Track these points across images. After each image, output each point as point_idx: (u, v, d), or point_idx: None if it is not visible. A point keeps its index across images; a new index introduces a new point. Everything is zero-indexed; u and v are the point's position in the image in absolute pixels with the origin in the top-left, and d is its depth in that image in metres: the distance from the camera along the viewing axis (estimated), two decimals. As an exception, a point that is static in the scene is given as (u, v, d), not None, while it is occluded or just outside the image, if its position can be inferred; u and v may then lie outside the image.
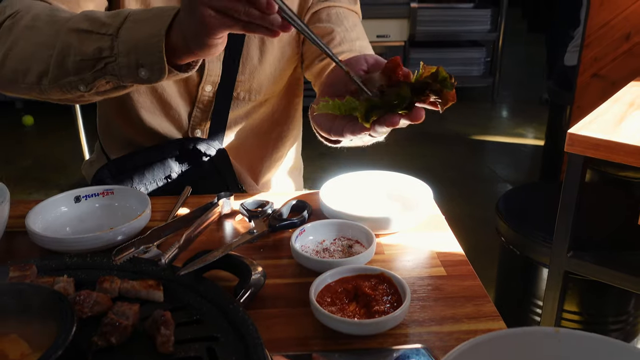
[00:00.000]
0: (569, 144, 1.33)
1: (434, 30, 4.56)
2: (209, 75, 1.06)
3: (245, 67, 1.07)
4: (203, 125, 1.11)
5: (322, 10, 1.08)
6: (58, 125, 4.19)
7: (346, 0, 1.11)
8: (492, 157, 3.91)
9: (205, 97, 1.08)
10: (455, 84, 0.63)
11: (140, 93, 1.08)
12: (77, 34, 0.76)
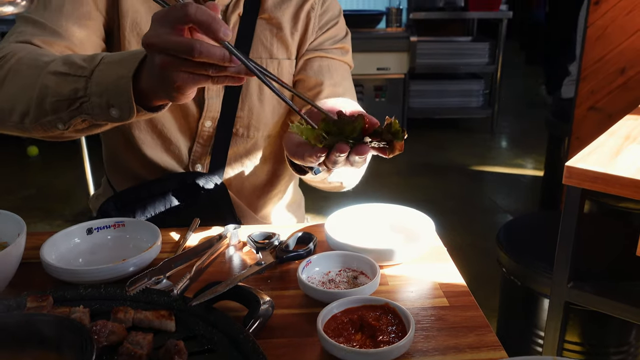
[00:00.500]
0: (566, 176, 1.36)
1: (433, 63, 4.64)
2: (208, 111, 1.09)
3: (244, 104, 1.11)
4: (203, 159, 1.14)
5: (315, 59, 1.13)
6: (62, 155, 4.24)
7: (338, 52, 1.16)
8: (492, 187, 3.94)
9: (205, 133, 1.12)
10: (405, 136, 0.69)
11: (140, 130, 1.11)
12: (56, 77, 0.82)
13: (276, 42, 1.12)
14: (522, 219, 2.13)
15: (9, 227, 0.86)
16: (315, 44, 1.15)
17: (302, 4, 1.13)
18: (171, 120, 1.10)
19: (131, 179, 1.17)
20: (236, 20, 1.09)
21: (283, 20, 1.12)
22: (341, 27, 1.19)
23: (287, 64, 1.13)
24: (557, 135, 3.09)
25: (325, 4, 1.16)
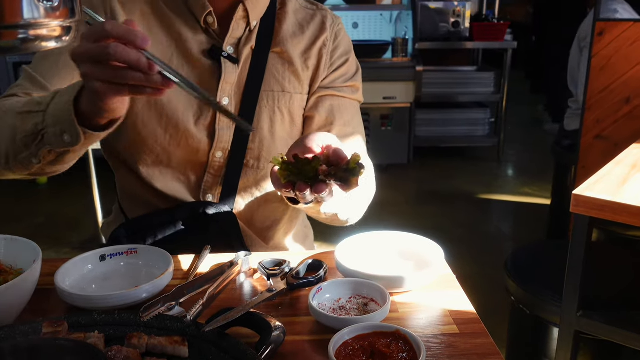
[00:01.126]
0: (574, 204, 1.37)
1: (439, 92, 4.69)
2: (219, 142, 1.11)
3: (255, 136, 1.13)
4: (214, 189, 1.16)
5: (326, 98, 1.16)
6: (71, 183, 4.28)
7: (349, 90, 1.19)
8: (500, 215, 3.94)
9: (216, 163, 1.13)
10: (362, 173, 0.76)
11: (147, 166, 1.13)
12: (22, 116, 0.91)
13: (288, 76, 1.14)
14: (530, 247, 2.13)
15: (25, 253, 0.88)
16: (326, 82, 1.17)
17: (315, 40, 1.16)
18: (180, 152, 1.11)
19: (143, 206, 1.19)
20: (249, 53, 1.12)
21: (295, 55, 1.14)
22: (352, 64, 1.21)
23: (299, 98, 1.15)
24: (564, 164, 3.10)
25: (337, 39, 1.19)
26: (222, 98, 1.10)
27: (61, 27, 0.46)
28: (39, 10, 0.43)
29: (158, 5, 1.10)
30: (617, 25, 2.48)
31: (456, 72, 4.95)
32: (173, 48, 1.09)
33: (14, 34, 0.43)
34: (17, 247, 0.89)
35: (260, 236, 1.23)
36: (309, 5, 1.21)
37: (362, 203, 1.14)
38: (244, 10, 1.09)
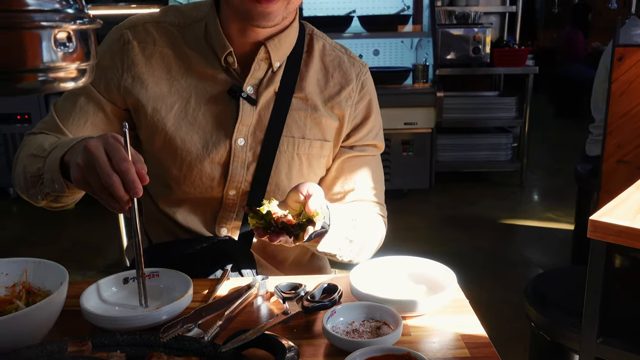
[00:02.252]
0: (591, 230, 1.37)
1: (460, 117, 4.70)
2: (231, 181, 1.15)
3: (272, 179, 1.16)
4: (229, 224, 1.19)
5: (351, 159, 1.21)
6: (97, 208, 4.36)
7: (372, 149, 1.24)
8: (522, 241, 3.91)
9: (229, 201, 1.17)
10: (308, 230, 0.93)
11: (166, 199, 1.18)
12: (30, 158, 1.05)
13: (309, 123, 1.16)
14: (552, 273, 2.12)
15: (53, 276, 0.92)
16: (351, 141, 1.21)
17: (340, 90, 1.18)
18: (195, 189, 1.15)
19: (165, 232, 1.23)
20: (271, 96, 1.14)
21: (319, 103, 1.16)
22: (376, 118, 1.24)
23: (318, 145, 1.17)
24: (587, 189, 3.08)
25: (363, 90, 1.21)
26: (238, 139, 1.12)
27: (77, 70, 0.50)
28: (57, 54, 0.47)
29: (179, 46, 1.13)
30: (637, 51, 2.48)
31: (477, 97, 4.96)
32: (192, 87, 1.12)
33: (35, 76, 0.47)
34: (45, 270, 0.94)
35: (275, 267, 1.27)
36: (337, 47, 1.23)
37: (366, 247, 1.17)
38: (266, 52, 1.10)
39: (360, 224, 1.13)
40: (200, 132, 1.12)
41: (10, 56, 0.45)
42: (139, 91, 1.12)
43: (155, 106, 1.12)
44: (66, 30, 0.47)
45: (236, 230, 1.20)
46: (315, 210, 0.93)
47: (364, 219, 1.16)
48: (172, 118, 1.12)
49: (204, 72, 1.12)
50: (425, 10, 4.48)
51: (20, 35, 0.45)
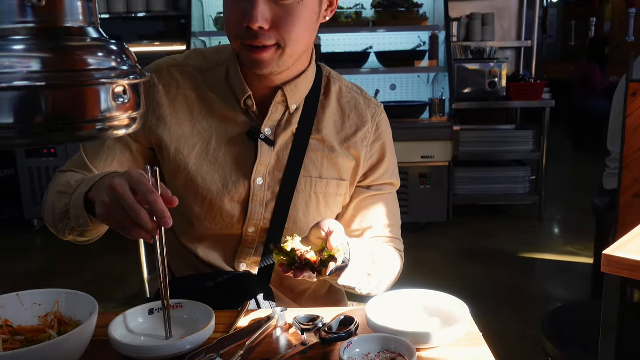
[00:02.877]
0: (604, 264, 1.39)
1: (477, 151, 4.74)
2: (251, 219, 1.19)
3: (290, 217, 1.20)
4: (248, 260, 1.24)
5: (368, 199, 1.26)
6: (120, 241, 4.44)
7: (389, 187, 1.28)
8: (541, 275, 3.89)
9: (249, 237, 1.21)
10: (330, 266, 0.98)
11: (188, 235, 1.23)
12: (59, 195, 1.11)
13: (326, 163, 1.21)
14: (569, 307, 2.12)
15: (83, 306, 0.97)
16: (368, 182, 1.25)
17: (356, 131, 1.22)
18: (216, 226, 1.20)
19: (187, 266, 1.28)
20: (289, 137, 1.19)
21: (335, 144, 1.21)
22: (391, 158, 1.28)
23: (334, 184, 1.22)
24: (604, 223, 3.08)
25: (378, 131, 1.25)
26: (256, 179, 1.17)
27: (129, 118, 0.56)
28: (113, 106, 0.53)
29: (201, 89, 1.19)
30: (651, 86, 2.51)
31: (494, 130, 4.99)
32: (213, 129, 1.18)
33: (93, 126, 0.53)
34: (76, 300, 0.99)
35: (293, 300, 1.30)
36: (353, 89, 1.27)
37: (384, 280, 1.21)
38: (283, 95, 1.16)
39: (378, 259, 1.17)
40: (220, 172, 1.18)
41: (73, 109, 0.51)
42: (162, 132, 1.18)
43: (178, 146, 1.18)
44: (122, 85, 0.53)
45: (255, 265, 1.24)
46: (336, 246, 0.98)
47: (382, 254, 1.20)
48: (194, 158, 1.17)
49: (225, 114, 1.18)
50: (441, 45, 4.56)
51: (83, 91, 0.51)
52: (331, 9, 1.15)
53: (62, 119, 0.53)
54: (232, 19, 1.07)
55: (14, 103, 0.51)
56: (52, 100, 0.52)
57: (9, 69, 0.50)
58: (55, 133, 0.53)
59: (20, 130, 0.52)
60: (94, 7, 0.58)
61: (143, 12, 5.19)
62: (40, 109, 0.52)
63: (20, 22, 0.52)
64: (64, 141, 0.55)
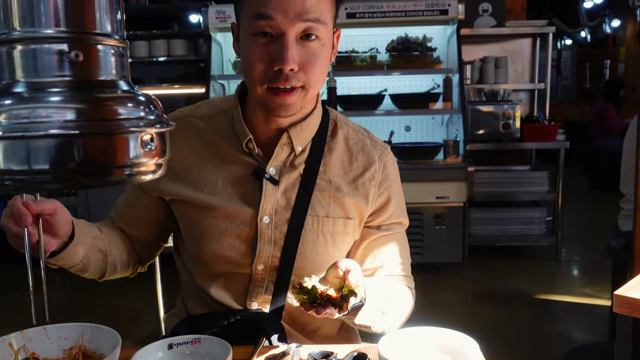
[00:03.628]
0: (616, 305, 1.40)
1: (492, 191, 4.75)
2: (259, 257, 1.23)
3: (299, 255, 1.23)
4: (259, 298, 1.26)
5: (380, 238, 1.29)
6: (136, 280, 4.48)
7: (397, 226, 1.31)
8: (559, 317, 3.84)
9: (258, 276, 1.25)
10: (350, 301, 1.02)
11: (201, 274, 1.28)
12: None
13: (333, 203, 1.24)
14: (585, 348, 2.11)
15: (106, 340, 1.01)
16: (377, 222, 1.29)
17: (364, 172, 1.26)
18: (226, 265, 1.24)
19: (202, 305, 1.32)
20: (296, 177, 1.23)
21: (342, 184, 1.24)
22: (399, 198, 1.31)
23: (341, 223, 1.25)
24: (621, 264, 3.05)
25: (385, 171, 1.28)
26: (263, 217, 1.21)
27: (156, 164, 0.61)
28: (141, 152, 0.59)
29: (206, 135, 1.25)
30: (662, 128, 2.52)
31: (509, 171, 5.01)
32: (220, 171, 1.23)
33: (122, 171, 0.58)
34: (99, 334, 1.03)
35: (305, 337, 1.33)
36: (359, 131, 1.32)
37: (397, 318, 1.25)
38: (288, 137, 1.21)
39: (391, 297, 1.20)
40: (228, 211, 1.22)
41: (105, 156, 0.56)
42: (170, 180, 1.23)
43: (186, 191, 1.23)
44: (149, 133, 0.58)
45: (266, 303, 1.27)
46: (355, 282, 1.02)
47: (395, 292, 1.24)
48: (202, 199, 1.22)
49: (230, 156, 1.23)
50: (455, 88, 4.63)
51: (114, 139, 0.56)
52: (334, 52, 1.20)
53: (94, 165, 0.58)
54: (260, 62, 1.09)
55: (50, 150, 0.56)
56: (85, 147, 0.57)
57: (46, 118, 0.56)
58: (87, 178, 0.58)
59: (55, 175, 0.57)
60: (126, 61, 0.63)
61: (164, 56, 5.37)
62: (74, 155, 0.56)
63: (58, 76, 0.58)
64: (95, 185, 0.60)
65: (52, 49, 0.56)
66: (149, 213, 1.30)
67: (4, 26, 0.56)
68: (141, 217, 1.31)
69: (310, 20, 1.06)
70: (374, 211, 1.28)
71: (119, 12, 0.61)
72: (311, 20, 1.06)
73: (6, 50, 0.56)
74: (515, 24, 5.05)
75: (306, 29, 1.07)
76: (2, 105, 0.55)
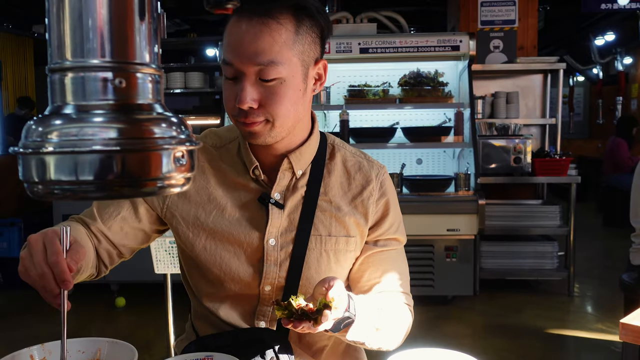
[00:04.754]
0: (622, 333, 1.43)
1: (503, 225, 4.77)
2: (266, 278, 1.28)
3: (304, 274, 1.28)
4: (267, 317, 1.31)
5: (376, 254, 1.33)
6: (148, 306, 4.53)
7: (394, 243, 1.35)
8: (571, 352, 3.81)
9: (266, 296, 1.29)
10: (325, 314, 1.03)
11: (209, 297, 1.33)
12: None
13: (334, 222, 1.30)
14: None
15: (123, 355, 1.05)
16: (374, 237, 1.33)
17: (362, 190, 1.32)
18: (234, 286, 1.29)
19: (211, 326, 1.36)
20: (299, 200, 1.29)
21: (342, 204, 1.30)
22: (396, 213, 1.36)
23: (343, 241, 1.30)
24: (633, 298, 3.05)
25: (382, 189, 1.34)
26: (269, 240, 1.27)
27: (184, 178, 0.67)
28: (173, 167, 0.65)
29: (216, 162, 1.33)
30: (671, 163, 2.57)
31: (520, 205, 5.04)
32: (228, 197, 1.29)
33: (155, 184, 0.64)
34: (117, 349, 1.08)
35: (312, 356, 1.36)
36: (356, 154, 1.38)
37: (392, 335, 1.27)
38: (289, 162, 1.27)
39: (385, 313, 1.24)
40: (235, 235, 1.28)
41: (141, 169, 0.62)
42: (182, 202, 1.30)
43: (196, 213, 1.29)
44: (181, 151, 0.64)
45: (274, 322, 1.31)
46: (332, 297, 1.05)
47: (390, 308, 1.27)
48: (210, 223, 1.28)
49: (238, 182, 1.30)
50: (466, 122, 4.70)
51: (149, 155, 0.62)
52: (320, 82, 1.26)
53: (131, 177, 0.64)
54: (227, 99, 1.20)
55: (93, 163, 0.62)
56: (124, 162, 0.63)
57: (91, 136, 0.62)
58: (124, 188, 0.64)
59: (97, 186, 0.63)
60: (161, 87, 0.70)
61: (181, 88, 5.51)
62: (114, 168, 0.63)
63: (103, 99, 0.64)
64: (130, 196, 0.66)
65: (98, 76, 0.63)
66: (135, 222, 1.33)
67: (58, 56, 0.63)
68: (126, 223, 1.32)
69: (262, 63, 1.13)
70: (370, 226, 1.33)
71: (156, 45, 0.68)
72: (263, 64, 1.13)
73: (59, 77, 0.63)
74: (527, 60, 5.14)
75: (259, 71, 1.14)
76: (54, 124, 0.62)
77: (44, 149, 0.61)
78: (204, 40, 6.32)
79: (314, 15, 1.20)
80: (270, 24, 1.13)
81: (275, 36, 1.14)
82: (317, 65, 1.24)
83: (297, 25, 1.17)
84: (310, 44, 1.20)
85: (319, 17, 1.21)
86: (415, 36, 4.70)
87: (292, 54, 1.16)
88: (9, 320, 4.43)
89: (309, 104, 1.27)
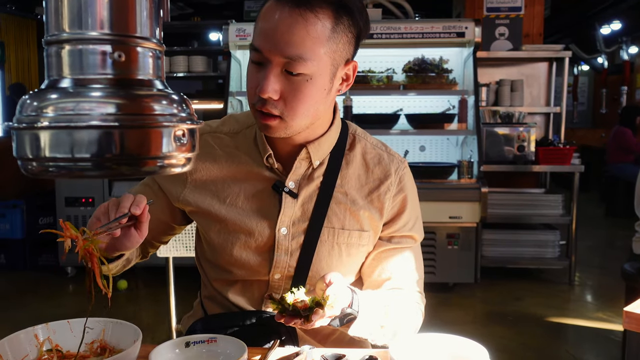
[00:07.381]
0: (626, 321, 1.41)
1: (505, 213, 4.75)
2: (276, 267, 1.27)
3: (314, 266, 1.27)
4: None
5: (389, 251, 1.31)
6: (149, 289, 4.54)
7: (409, 241, 1.33)
8: (572, 340, 3.81)
9: (275, 283, 1.29)
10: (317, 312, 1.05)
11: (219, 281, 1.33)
12: None
13: (349, 216, 1.28)
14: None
15: (127, 335, 1.04)
16: (388, 233, 1.31)
17: (379, 185, 1.29)
18: (244, 272, 1.29)
19: (219, 306, 1.36)
20: (314, 190, 1.26)
21: (358, 197, 1.28)
22: (412, 211, 1.33)
23: (356, 235, 1.28)
24: (634, 287, 3.04)
25: (400, 184, 1.31)
26: (281, 228, 1.25)
27: (185, 158, 0.65)
28: (173, 146, 0.63)
29: (231, 149, 1.31)
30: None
31: (523, 194, 5.02)
32: (242, 183, 1.28)
33: (155, 162, 0.63)
34: (121, 329, 1.07)
35: (318, 342, 1.36)
36: (377, 146, 1.35)
37: (398, 333, 1.26)
38: (307, 152, 1.25)
39: (392, 311, 1.22)
40: (248, 222, 1.27)
41: (140, 147, 0.60)
42: (197, 191, 1.29)
43: (210, 201, 1.28)
44: (181, 129, 0.62)
45: None
46: (327, 295, 1.05)
47: (397, 306, 1.25)
48: (224, 210, 1.27)
49: (252, 170, 1.28)
50: (470, 109, 4.66)
51: (148, 132, 0.61)
52: (347, 83, 1.23)
53: (130, 155, 0.62)
54: (249, 85, 1.18)
55: (90, 140, 0.60)
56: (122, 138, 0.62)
57: (88, 111, 0.61)
58: (122, 167, 0.63)
59: (94, 163, 0.61)
60: (162, 63, 0.68)
61: (184, 72, 5.47)
62: (112, 145, 0.61)
63: (101, 74, 0.63)
64: (129, 174, 0.64)
65: (96, 49, 0.61)
66: (163, 216, 1.34)
67: (55, 28, 0.61)
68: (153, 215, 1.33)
69: (290, 57, 1.10)
70: (385, 222, 1.31)
71: (157, 19, 0.66)
72: (291, 57, 1.10)
73: (55, 49, 0.61)
74: (532, 47, 5.09)
75: (286, 63, 1.11)
76: (49, 98, 0.60)
77: (39, 123, 0.59)
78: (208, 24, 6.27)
79: (354, 15, 1.15)
80: (308, 16, 1.09)
81: (310, 30, 1.09)
82: (347, 66, 1.20)
83: (335, 22, 1.12)
84: (345, 44, 1.16)
85: (359, 17, 1.17)
86: (420, 22, 4.65)
87: (323, 52, 1.12)
88: (11, 301, 4.45)
89: (331, 103, 1.24)
